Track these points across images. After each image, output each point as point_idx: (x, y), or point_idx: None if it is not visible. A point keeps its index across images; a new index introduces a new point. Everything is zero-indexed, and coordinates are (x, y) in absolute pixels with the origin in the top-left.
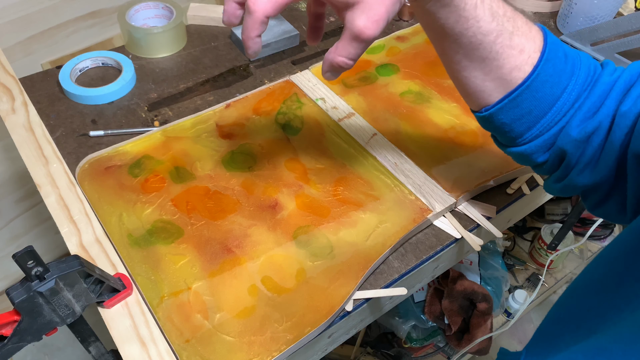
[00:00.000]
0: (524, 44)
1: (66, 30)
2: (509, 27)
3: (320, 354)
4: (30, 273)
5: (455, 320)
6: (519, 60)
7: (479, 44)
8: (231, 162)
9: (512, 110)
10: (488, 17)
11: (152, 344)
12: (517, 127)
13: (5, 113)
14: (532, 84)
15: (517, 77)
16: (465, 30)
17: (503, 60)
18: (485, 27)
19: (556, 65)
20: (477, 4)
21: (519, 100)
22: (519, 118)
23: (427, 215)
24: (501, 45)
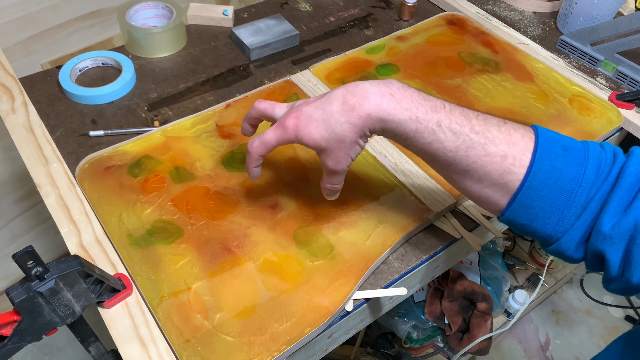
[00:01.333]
0: (505, 150)
1: (66, 30)
2: (480, 140)
3: (320, 354)
4: (30, 273)
5: (455, 320)
6: (504, 166)
7: (452, 160)
8: (231, 162)
9: (525, 211)
10: (450, 137)
11: (152, 344)
12: (539, 227)
13: (5, 113)
14: (532, 184)
15: (512, 180)
16: (433, 151)
17: (486, 168)
18: (450, 145)
19: (554, 161)
20: (433, 129)
21: (525, 201)
22: (535, 218)
23: (427, 216)
24: (477, 157)
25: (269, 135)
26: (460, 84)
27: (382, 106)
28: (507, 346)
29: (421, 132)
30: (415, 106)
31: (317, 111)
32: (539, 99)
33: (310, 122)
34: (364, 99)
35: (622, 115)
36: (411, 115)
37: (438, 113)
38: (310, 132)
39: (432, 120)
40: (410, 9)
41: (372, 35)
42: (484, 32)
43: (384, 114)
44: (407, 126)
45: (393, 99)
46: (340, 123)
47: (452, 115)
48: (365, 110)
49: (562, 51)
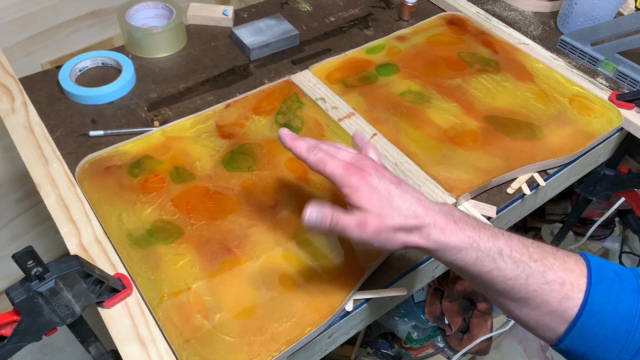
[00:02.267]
0: (563, 277)
1: (66, 30)
2: (539, 268)
3: (320, 354)
4: (30, 273)
5: (455, 320)
6: (563, 292)
7: (511, 288)
8: (231, 162)
9: (586, 338)
10: (510, 266)
11: (152, 344)
12: (602, 355)
13: (5, 113)
14: (592, 309)
15: (572, 306)
16: (492, 279)
17: (545, 296)
18: (511, 274)
19: (610, 286)
20: (494, 257)
21: (586, 327)
22: (597, 345)
23: None
24: (537, 285)
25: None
26: (460, 84)
27: (444, 231)
28: (507, 346)
29: (482, 260)
30: (477, 235)
31: (387, 194)
32: (539, 99)
33: (375, 193)
34: (431, 218)
35: (622, 115)
36: (472, 244)
37: (498, 241)
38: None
39: (493, 248)
40: (410, 9)
41: (372, 35)
42: (484, 32)
43: (445, 240)
44: (467, 254)
45: (456, 226)
46: (403, 219)
47: (511, 242)
48: (427, 234)
49: (562, 51)
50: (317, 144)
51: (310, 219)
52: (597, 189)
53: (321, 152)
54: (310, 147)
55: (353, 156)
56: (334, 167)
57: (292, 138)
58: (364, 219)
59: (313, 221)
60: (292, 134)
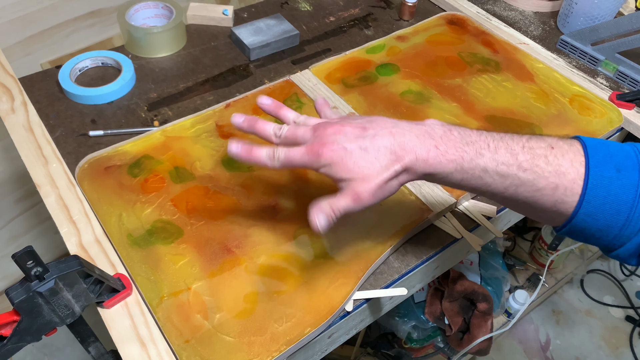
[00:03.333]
0: (555, 182)
1: (66, 30)
2: (528, 177)
3: (320, 355)
4: (30, 273)
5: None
6: (556, 196)
7: (502, 199)
8: (231, 162)
9: (583, 230)
10: (498, 179)
11: (151, 344)
12: (598, 241)
13: (5, 113)
14: (586, 211)
15: (566, 209)
16: (481, 192)
17: (538, 202)
18: (499, 187)
19: (608, 185)
20: (480, 175)
21: (582, 224)
22: (590, 236)
23: (427, 215)
24: (528, 193)
25: (296, 156)
26: (460, 83)
27: (428, 162)
28: (507, 346)
29: (467, 180)
30: (460, 155)
31: (360, 151)
32: (539, 99)
33: (348, 157)
34: (413, 151)
35: (623, 115)
36: (456, 167)
37: (483, 157)
38: (345, 165)
39: (477, 167)
40: (411, 8)
41: (372, 35)
42: (484, 32)
43: (429, 169)
44: (452, 177)
45: (438, 151)
46: (384, 167)
47: (497, 155)
48: (412, 163)
49: (562, 51)
50: (277, 135)
51: (319, 226)
52: None
53: (281, 151)
54: (269, 155)
55: (311, 131)
56: (300, 157)
57: (247, 152)
58: (355, 191)
59: (324, 226)
60: (243, 148)
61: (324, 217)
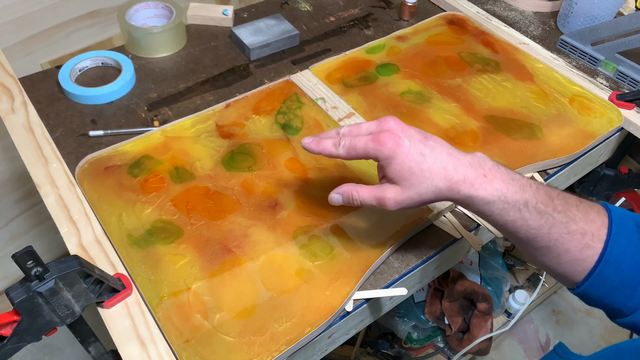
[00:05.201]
0: (584, 228)
1: (66, 30)
2: (562, 219)
3: (320, 354)
4: (30, 273)
5: (455, 320)
6: (583, 242)
7: (534, 237)
8: (231, 162)
9: (603, 284)
10: (535, 216)
11: (151, 344)
12: (616, 299)
13: (5, 113)
14: (610, 258)
15: (591, 255)
16: (516, 228)
17: (566, 245)
18: (535, 224)
19: (629, 236)
20: (520, 208)
21: (603, 275)
22: (612, 291)
23: (427, 215)
24: (559, 234)
25: (359, 143)
26: (460, 83)
27: (474, 186)
28: (507, 346)
29: (507, 210)
30: (505, 187)
31: (420, 156)
32: (539, 99)
33: (410, 158)
34: (462, 175)
35: (623, 115)
36: (500, 196)
37: (526, 193)
38: (405, 166)
39: (520, 200)
40: (410, 8)
41: (372, 35)
42: (484, 32)
43: (474, 193)
44: (494, 206)
45: (485, 179)
46: (433, 184)
47: (538, 195)
48: (459, 186)
49: (562, 51)
50: (338, 133)
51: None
52: (597, 189)
53: (346, 139)
54: (335, 143)
55: (377, 123)
56: (364, 145)
57: (316, 144)
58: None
59: (334, 202)
60: (313, 140)
61: (340, 197)
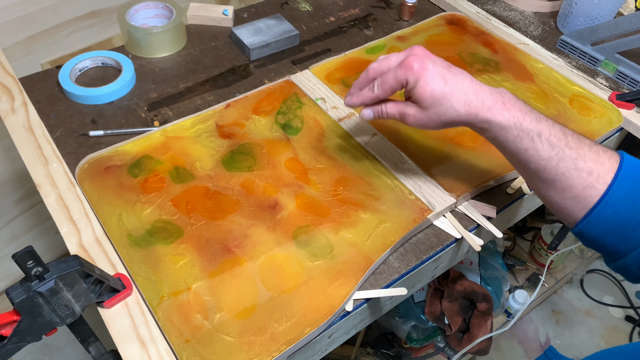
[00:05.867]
0: (592, 167)
1: (66, 30)
2: (572, 154)
3: (320, 354)
4: (30, 273)
5: (455, 320)
6: (588, 181)
7: (543, 168)
8: (231, 162)
9: (599, 225)
10: (546, 147)
11: (152, 344)
12: (610, 242)
13: (5, 113)
14: (610, 200)
15: (593, 195)
16: (527, 157)
17: (571, 180)
18: (545, 154)
19: (635, 184)
20: (533, 138)
21: (601, 216)
22: (607, 233)
23: (427, 215)
24: (566, 169)
25: (389, 77)
26: None
27: (492, 111)
28: (507, 346)
29: (521, 138)
30: (522, 115)
31: (441, 79)
32: (539, 99)
33: (433, 80)
34: (481, 100)
35: (622, 115)
36: (516, 123)
37: (541, 124)
38: (427, 87)
39: (534, 130)
40: (410, 8)
41: (372, 35)
42: (484, 32)
43: (491, 117)
44: (509, 132)
45: (503, 107)
46: (452, 106)
47: (553, 129)
48: (477, 110)
49: (562, 51)
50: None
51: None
52: None
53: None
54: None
55: (404, 53)
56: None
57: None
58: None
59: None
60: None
61: (370, 112)
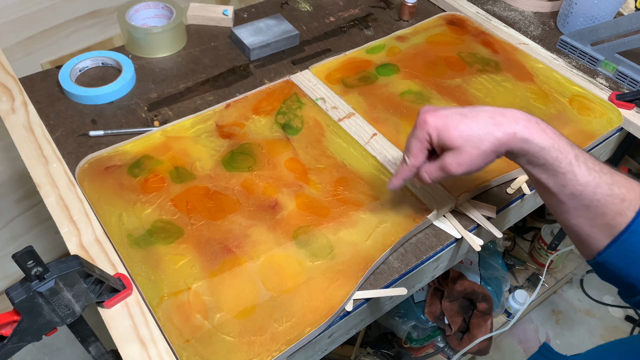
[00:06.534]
0: (624, 194)
1: (66, 30)
2: (607, 180)
3: (320, 354)
4: (30, 273)
5: (455, 320)
6: (620, 207)
7: (579, 194)
8: (231, 162)
9: (623, 253)
10: (584, 171)
11: (152, 344)
12: (633, 272)
13: (5, 113)
14: (638, 228)
15: (622, 222)
16: (565, 182)
17: (605, 207)
18: (583, 179)
19: None
20: (571, 161)
21: (627, 243)
22: (632, 262)
23: (427, 215)
24: (602, 195)
25: (410, 142)
26: (460, 84)
27: (529, 129)
28: (507, 346)
29: (560, 160)
30: (557, 137)
31: (461, 116)
32: (539, 99)
33: (452, 122)
34: (513, 119)
35: (622, 115)
36: (554, 144)
37: (574, 148)
38: (450, 131)
39: (571, 152)
40: (410, 9)
41: (372, 35)
42: (484, 32)
43: (529, 136)
44: (548, 153)
45: (538, 127)
46: (484, 132)
47: (585, 154)
48: (513, 129)
49: (562, 51)
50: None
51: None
52: None
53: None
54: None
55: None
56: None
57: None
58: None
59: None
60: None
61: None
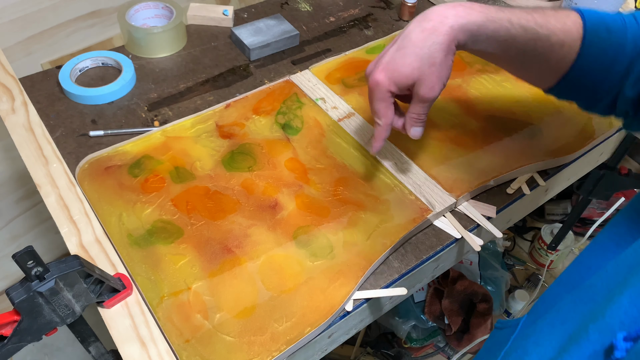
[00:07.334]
0: (562, 39)
1: (66, 30)
2: (544, 32)
3: (320, 354)
4: (30, 273)
5: (455, 320)
6: (561, 53)
7: (522, 52)
8: (231, 162)
9: (571, 86)
10: (521, 32)
11: (152, 344)
12: (582, 97)
13: (5, 113)
14: (578, 66)
15: (565, 65)
16: (506, 47)
17: (548, 55)
18: (522, 38)
19: (599, 44)
20: (507, 27)
21: (573, 79)
22: (579, 90)
23: (427, 215)
24: (542, 48)
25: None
26: (460, 84)
27: (460, 15)
28: None
29: (497, 31)
30: (485, 9)
31: (399, 52)
32: (538, 99)
33: (396, 63)
34: (442, 17)
35: None
36: (487, 17)
37: (504, 12)
38: (401, 72)
39: (503, 18)
40: (410, 9)
41: (372, 35)
42: None
43: (464, 21)
44: (487, 27)
45: (465, 8)
46: (427, 47)
47: (515, 12)
48: (448, 25)
49: None
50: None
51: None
52: (597, 189)
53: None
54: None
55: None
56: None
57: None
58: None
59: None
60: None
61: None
